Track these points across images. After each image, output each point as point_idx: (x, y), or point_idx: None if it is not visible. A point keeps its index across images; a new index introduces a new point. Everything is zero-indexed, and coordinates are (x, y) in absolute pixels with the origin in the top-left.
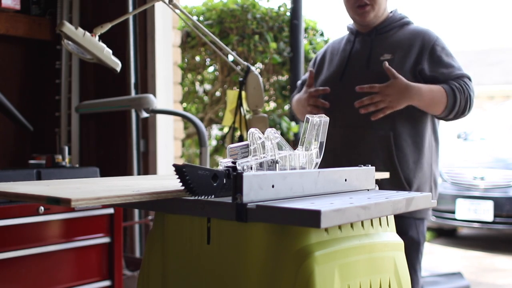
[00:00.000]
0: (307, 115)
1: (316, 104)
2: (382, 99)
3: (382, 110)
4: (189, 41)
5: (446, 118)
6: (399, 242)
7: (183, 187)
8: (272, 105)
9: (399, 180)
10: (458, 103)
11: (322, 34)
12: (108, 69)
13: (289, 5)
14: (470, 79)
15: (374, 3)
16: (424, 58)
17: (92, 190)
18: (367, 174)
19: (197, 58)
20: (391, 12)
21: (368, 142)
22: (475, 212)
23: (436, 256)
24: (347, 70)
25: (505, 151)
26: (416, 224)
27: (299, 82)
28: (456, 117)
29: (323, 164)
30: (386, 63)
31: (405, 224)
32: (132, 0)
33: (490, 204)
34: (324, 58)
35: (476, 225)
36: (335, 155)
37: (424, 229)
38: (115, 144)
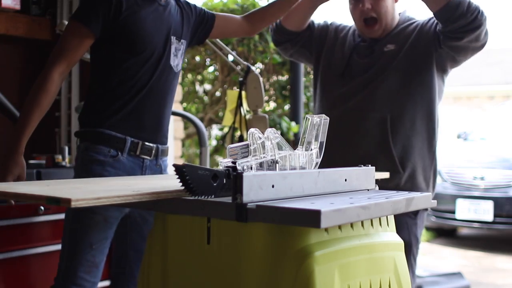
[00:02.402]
0: (307, 115)
1: None
2: None
3: None
4: None
5: (451, 20)
6: (399, 242)
7: (183, 187)
8: (272, 105)
9: (392, 162)
10: (462, 4)
11: None
12: None
13: None
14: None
15: (381, 17)
16: (424, 30)
17: (92, 190)
18: (367, 174)
19: (197, 58)
20: (399, 13)
21: (365, 124)
22: (475, 212)
23: (436, 256)
24: (352, 59)
25: (505, 151)
26: (408, 226)
27: None
28: (462, 21)
29: None
30: None
31: (397, 225)
32: None
33: (490, 204)
34: (335, 39)
35: (476, 225)
36: (330, 137)
37: (417, 230)
38: None
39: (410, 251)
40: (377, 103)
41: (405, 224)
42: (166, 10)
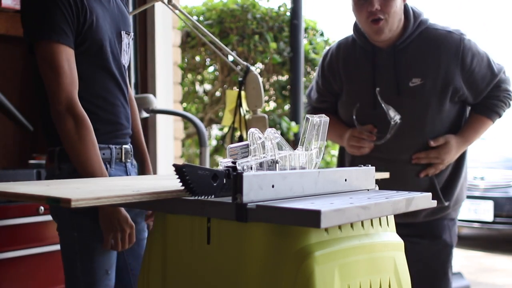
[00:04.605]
0: (307, 115)
1: (359, 144)
2: (438, 161)
3: (435, 167)
4: (189, 41)
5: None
6: (399, 242)
7: (183, 187)
8: (272, 105)
9: (438, 199)
10: (503, 115)
11: (322, 34)
12: None
13: (289, 5)
14: (504, 73)
15: (388, 16)
16: (455, 73)
17: (92, 190)
18: (367, 174)
19: (197, 58)
20: (405, 7)
21: (409, 175)
22: (475, 212)
23: None
24: (378, 99)
25: (505, 151)
26: (450, 227)
27: (312, 101)
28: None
29: None
30: (432, 142)
31: (439, 227)
32: (132, 0)
33: (490, 204)
34: (338, 68)
35: (476, 225)
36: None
37: (456, 232)
38: None
39: (451, 252)
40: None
41: (447, 226)
42: (111, 2)
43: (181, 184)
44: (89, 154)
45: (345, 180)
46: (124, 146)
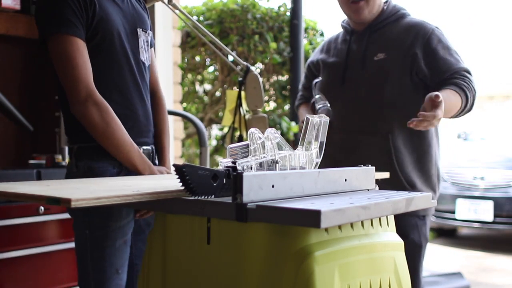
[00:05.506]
0: (307, 115)
1: None
2: (433, 119)
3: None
4: (189, 41)
5: (452, 118)
6: (399, 242)
7: (183, 187)
8: (272, 105)
9: (400, 182)
10: (469, 103)
11: (322, 34)
12: None
13: (289, 5)
14: (470, 73)
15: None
16: (418, 48)
17: (92, 190)
18: (367, 174)
19: (197, 58)
20: (385, 2)
21: (367, 146)
22: (475, 212)
23: (436, 256)
24: (347, 74)
25: (505, 151)
26: (418, 226)
27: (300, 87)
28: (462, 115)
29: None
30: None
31: (407, 226)
32: None
33: (490, 204)
34: (320, 55)
35: (476, 225)
36: (333, 160)
37: (427, 231)
38: None
39: (420, 252)
40: (377, 124)
41: (415, 225)
42: (124, 1)
43: (181, 184)
44: (123, 138)
45: (345, 180)
46: (143, 147)
